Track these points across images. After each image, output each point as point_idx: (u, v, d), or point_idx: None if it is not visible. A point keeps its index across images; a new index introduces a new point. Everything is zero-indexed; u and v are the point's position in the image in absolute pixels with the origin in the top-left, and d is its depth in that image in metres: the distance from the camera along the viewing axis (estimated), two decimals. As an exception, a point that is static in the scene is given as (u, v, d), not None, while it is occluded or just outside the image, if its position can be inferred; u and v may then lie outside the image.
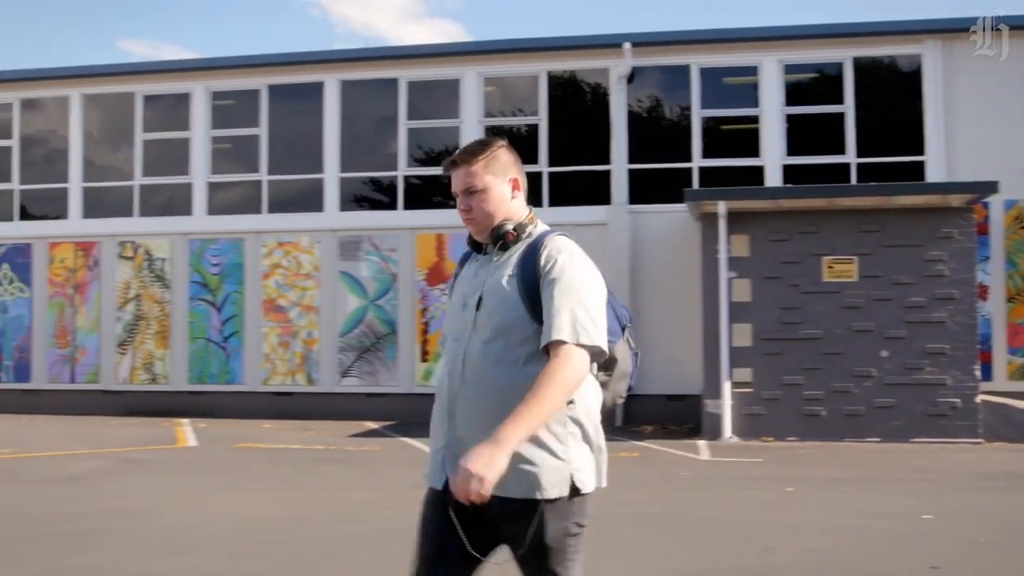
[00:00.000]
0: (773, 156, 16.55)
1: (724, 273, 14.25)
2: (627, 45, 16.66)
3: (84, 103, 18.74)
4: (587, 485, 2.92)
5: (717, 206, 14.20)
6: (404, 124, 17.51)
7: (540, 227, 3.10)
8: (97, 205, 18.56)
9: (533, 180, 16.53)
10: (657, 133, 17.15)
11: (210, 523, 7.88)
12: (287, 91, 18.12)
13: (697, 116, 16.80)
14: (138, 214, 18.37)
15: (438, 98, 17.69)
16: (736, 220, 14.26)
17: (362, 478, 10.69)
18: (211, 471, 11.08)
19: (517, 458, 2.76)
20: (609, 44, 16.87)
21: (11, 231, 18.70)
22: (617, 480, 3.44)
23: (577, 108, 17.44)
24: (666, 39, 16.97)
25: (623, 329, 3.12)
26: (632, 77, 16.92)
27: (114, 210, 18.44)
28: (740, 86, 17.00)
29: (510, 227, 3.04)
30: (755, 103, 16.79)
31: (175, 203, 18.33)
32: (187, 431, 15.22)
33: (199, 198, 18.16)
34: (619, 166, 16.87)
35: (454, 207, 3.22)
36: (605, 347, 2.88)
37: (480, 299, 3.01)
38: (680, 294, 16.11)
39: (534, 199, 16.26)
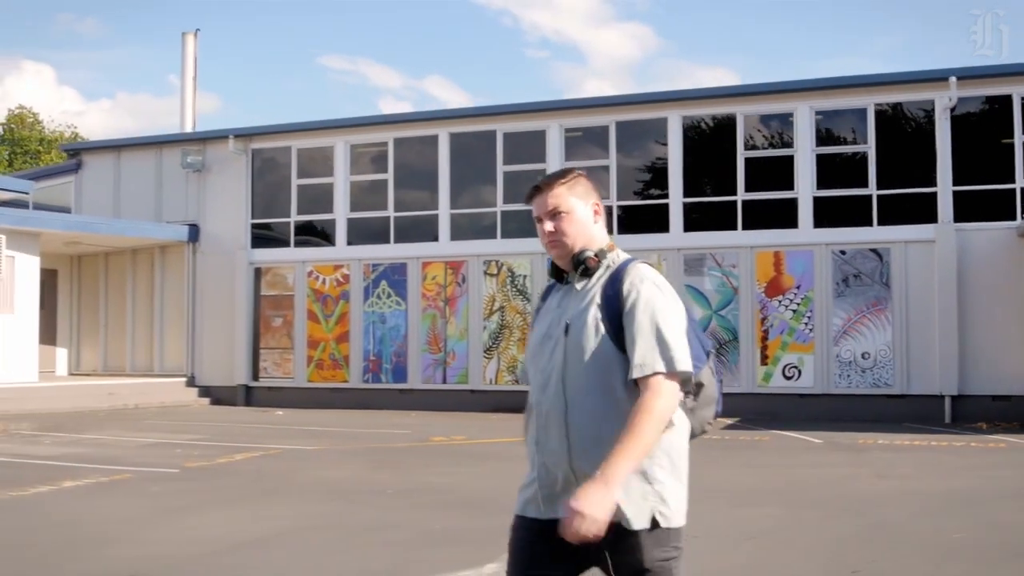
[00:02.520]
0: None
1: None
2: (952, 79, 18.56)
3: (450, 140, 21.70)
4: (671, 519, 2.97)
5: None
6: (742, 154, 19.80)
7: (621, 255, 3.19)
8: (464, 229, 21.48)
9: (863, 201, 18.72)
10: (979, 157, 18.92)
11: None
12: (635, 126, 20.68)
13: (1019, 141, 18.50)
14: (500, 236, 21.18)
15: (774, 130, 19.95)
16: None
17: (789, 458, 13.00)
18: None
19: None
20: (936, 78, 18.79)
21: (388, 252, 21.80)
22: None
23: (903, 136, 19.37)
24: (989, 72, 18.77)
25: (707, 355, 3.14)
26: (955, 107, 18.78)
27: (479, 233, 21.31)
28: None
29: (591, 253, 3.13)
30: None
31: (531, 227, 21.01)
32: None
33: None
34: (944, 187, 18.71)
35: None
36: (692, 371, 2.96)
37: (567, 328, 3.07)
38: (1003, 303, 17.98)
39: (864, 218, 18.52)
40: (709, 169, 20.32)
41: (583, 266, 3.12)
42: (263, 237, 23.22)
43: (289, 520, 8.57)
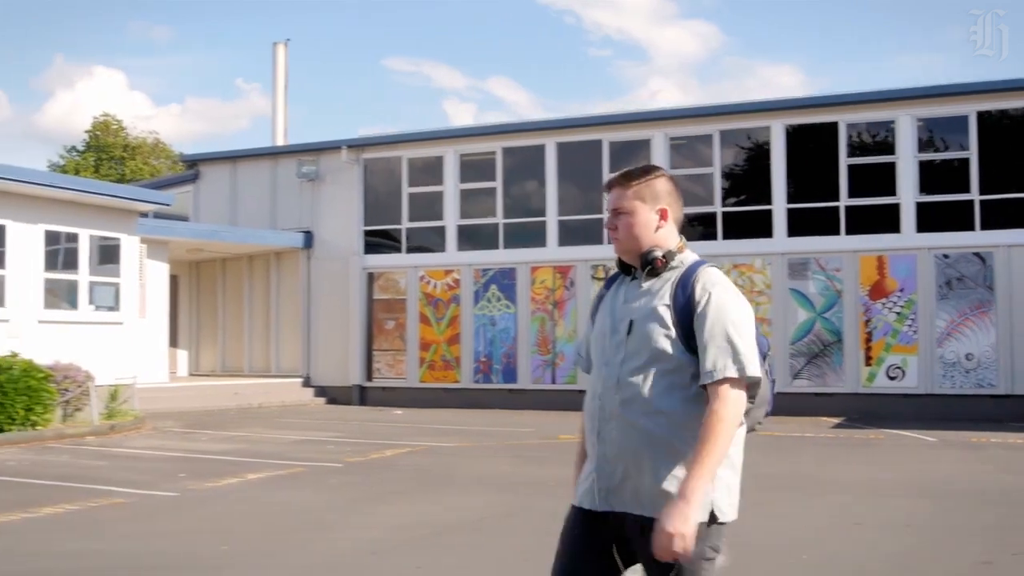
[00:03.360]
0: None
1: None
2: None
3: (557, 149, 22.56)
4: (726, 514, 3.03)
5: None
6: (844, 161, 20.42)
7: (691, 256, 3.21)
8: (571, 234, 22.33)
9: (966, 206, 19.26)
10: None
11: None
12: (738, 134, 21.41)
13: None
14: (606, 241, 21.95)
15: (876, 137, 20.56)
16: None
17: (911, 454, 13.70)
18: (778, 449, 14.38)
19: (664, 480, 2.97)
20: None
21: (498, 257, 22.74)
22: None
23: (1005, 141, 19.84)
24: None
25: (764, 357, 3.14)
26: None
27: (586, 239, 22.14)
28: None
29: (659, 253, 3.15)
30: None
31: (639, 232, 21.85)
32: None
33: (661, 227, 21.61)
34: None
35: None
36: (760, 377, 3.02)
37: (631, 325, 3.10)
38: None
39: (966, 223, 19.03)
40: (812, 176, 20.95)
41: (650, 265, 3.15)
42: (375, 243, 24.28)
43: (479, 509, 9.50)
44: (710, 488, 2.93)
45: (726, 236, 21.22)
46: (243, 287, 26.05)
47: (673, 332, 3.02)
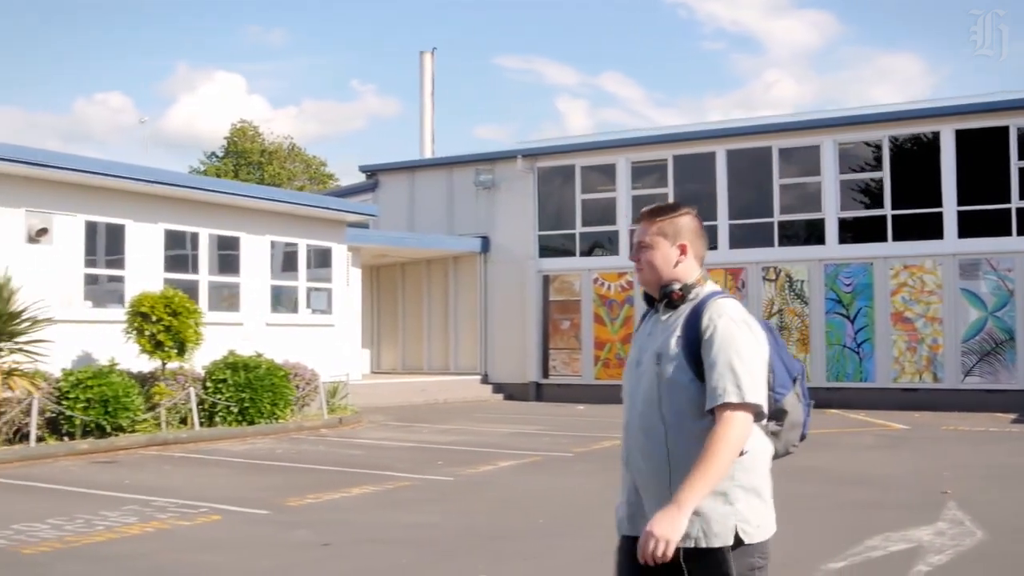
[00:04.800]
0: None
1: None
2: None
3: (727, 156, 23.60)
4: (753, 535, 3.11)
5: None
6: (1015, 164, 21.03)
7: (708, 288, 3.32)
8: (742, 238, 23.36)
9: None
10: None
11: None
12: (907, 140, 22.19)
13: None
14: (777, 244, 22.99)
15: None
16: None
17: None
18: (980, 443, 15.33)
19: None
20: None
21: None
22: None
23: None
24: None
25: (794, 381, 3.23)
26: None
27: (757, 242, 23.15)
28: None
29: (676, 287, 3.27)
30: None
31: (810, 235, 22.83)
32: (880, 421, 19.52)
33: (831, 231, 22.54)
34: None
35: None
36: (764, 405, 3.10)
37: (658, 357, 3.22)
38: None
39: None
40: (982, 178, 21.59)
41: (667, 298, 3.28)
42: (550, 247, 25.67)
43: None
44: (730, 513, 3.08)
45: (896, 238, 22.00)
46: (422, 290, 27.73)
47: (686, 363, 3.15)
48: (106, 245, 17.19)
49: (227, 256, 18.95)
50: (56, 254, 16.03)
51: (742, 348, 3.09)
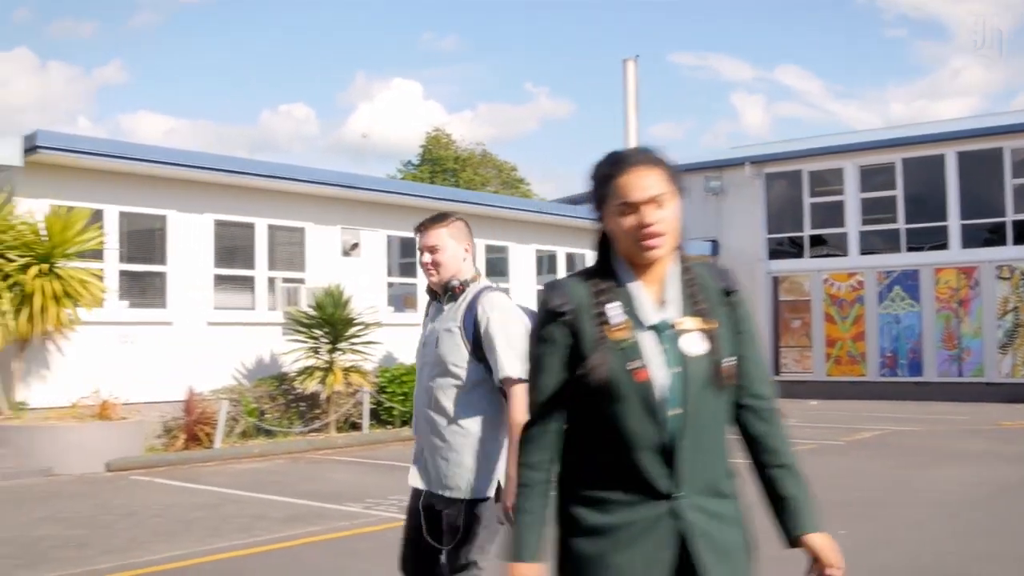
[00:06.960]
0: None
1: None
2: None
3: (958, 158, 24.33)
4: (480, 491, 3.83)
5: None
6: None
7: (482, 283, 4.01)
8: (974, 238, 24.08)
9: None
10: None
11: None
12: None
13: None
14: (1011, 243, 23.61)
15: None
16: None
17: None
18: None
19: (453, 464, 3.84)
20: None
21: (900, 260, 24.79)
22: None
23: None
24: None
25: None
26: None
27: (988, 241, 23.84)
28: None
29: (457, 282, 3.97)
30: None
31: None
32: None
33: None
34: None
35: None
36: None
37: (437, 339, 3.92)
38: None
39: None
40: None
41: (450, 292, 3.98)
42: (778, 250, 26.88)
43: (1009, 474, 11.83)
44: (500, 470, 3.78)
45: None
46: (651, 291, 29.23)
47: (462, 344, 3.84)
48: (399, 255, 19.36)
49: (494, 260, 20.89)
50: (365, 265, 18.26)
51: (513, 332, 3.75)
